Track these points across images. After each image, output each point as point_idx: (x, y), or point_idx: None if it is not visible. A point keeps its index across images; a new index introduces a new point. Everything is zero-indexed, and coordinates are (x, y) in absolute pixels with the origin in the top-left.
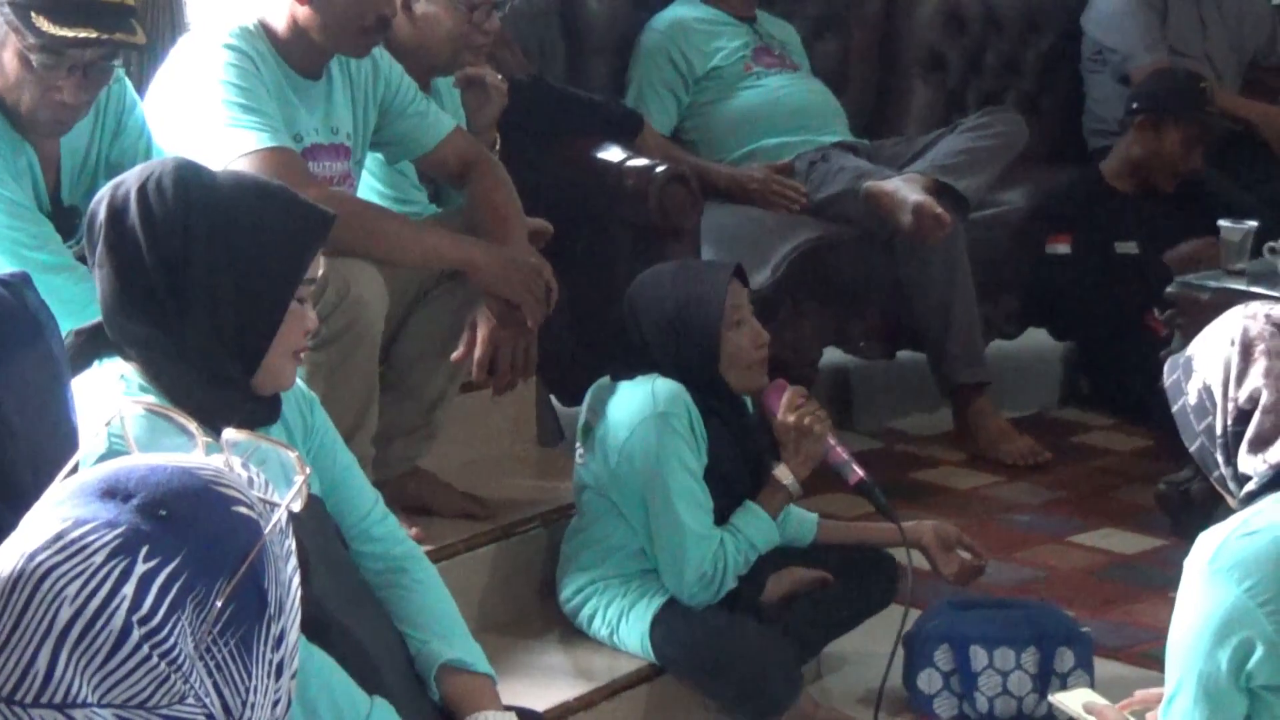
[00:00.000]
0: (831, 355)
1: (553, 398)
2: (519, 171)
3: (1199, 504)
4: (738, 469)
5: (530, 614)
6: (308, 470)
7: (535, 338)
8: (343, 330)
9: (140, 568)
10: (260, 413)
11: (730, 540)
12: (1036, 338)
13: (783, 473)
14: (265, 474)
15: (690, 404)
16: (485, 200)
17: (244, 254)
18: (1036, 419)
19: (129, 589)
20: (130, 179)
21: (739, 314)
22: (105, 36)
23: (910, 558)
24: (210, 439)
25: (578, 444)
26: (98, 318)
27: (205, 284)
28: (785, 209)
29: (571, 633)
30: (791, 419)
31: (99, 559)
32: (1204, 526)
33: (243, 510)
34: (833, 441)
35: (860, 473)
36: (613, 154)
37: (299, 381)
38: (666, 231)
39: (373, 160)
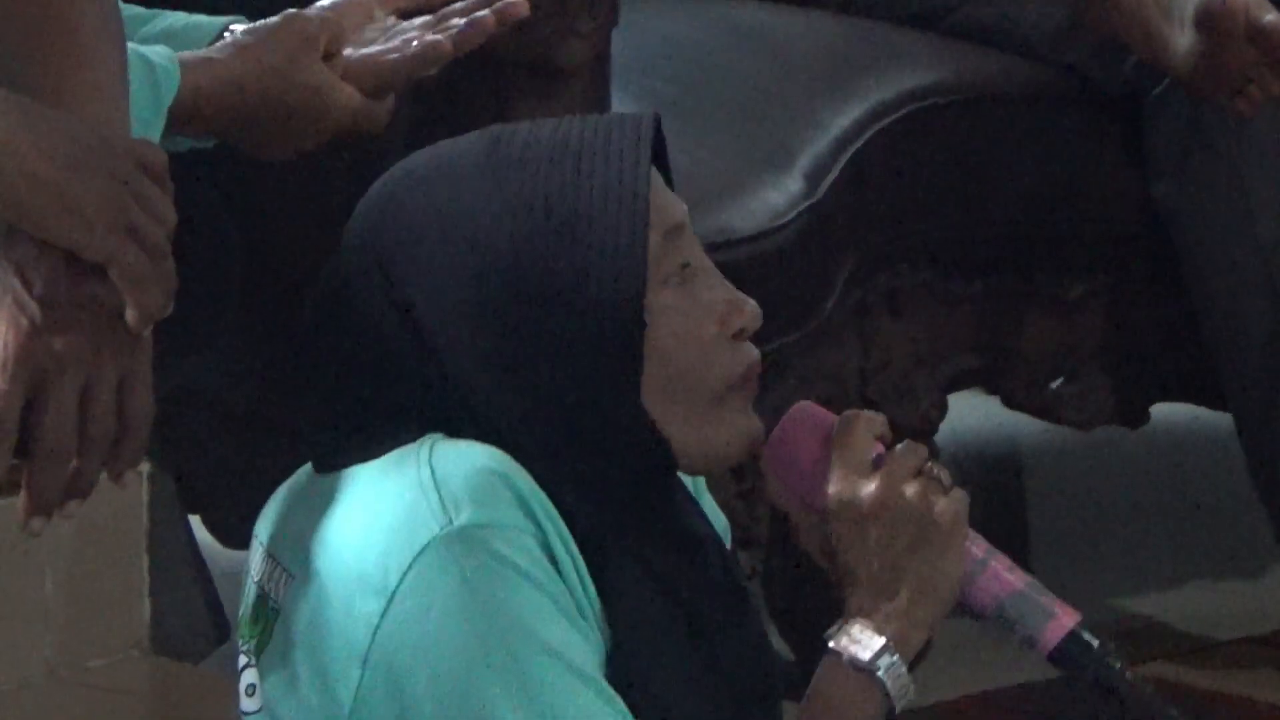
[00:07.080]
0: (973, 411)
1: (196, 525)
2: None
3: None
4: (705, 681)
5: None
6: None
7: (147, 362)
8: None
9: None
10: None
11: None
12: None
13: (858, 639)
14: None
15: (542, 502)
16: None
17: None
18: None
19: None
20: None
21: (677, 248)
22: None
23: None
24: None
25: (243, 651)
26: None
27: None
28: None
29: None
30: (873, 490)
31: None
32: None
33: None
34: (979, 551)
35: (1068, 618)
36: None
37: None
38: (521, 69)
39: None
